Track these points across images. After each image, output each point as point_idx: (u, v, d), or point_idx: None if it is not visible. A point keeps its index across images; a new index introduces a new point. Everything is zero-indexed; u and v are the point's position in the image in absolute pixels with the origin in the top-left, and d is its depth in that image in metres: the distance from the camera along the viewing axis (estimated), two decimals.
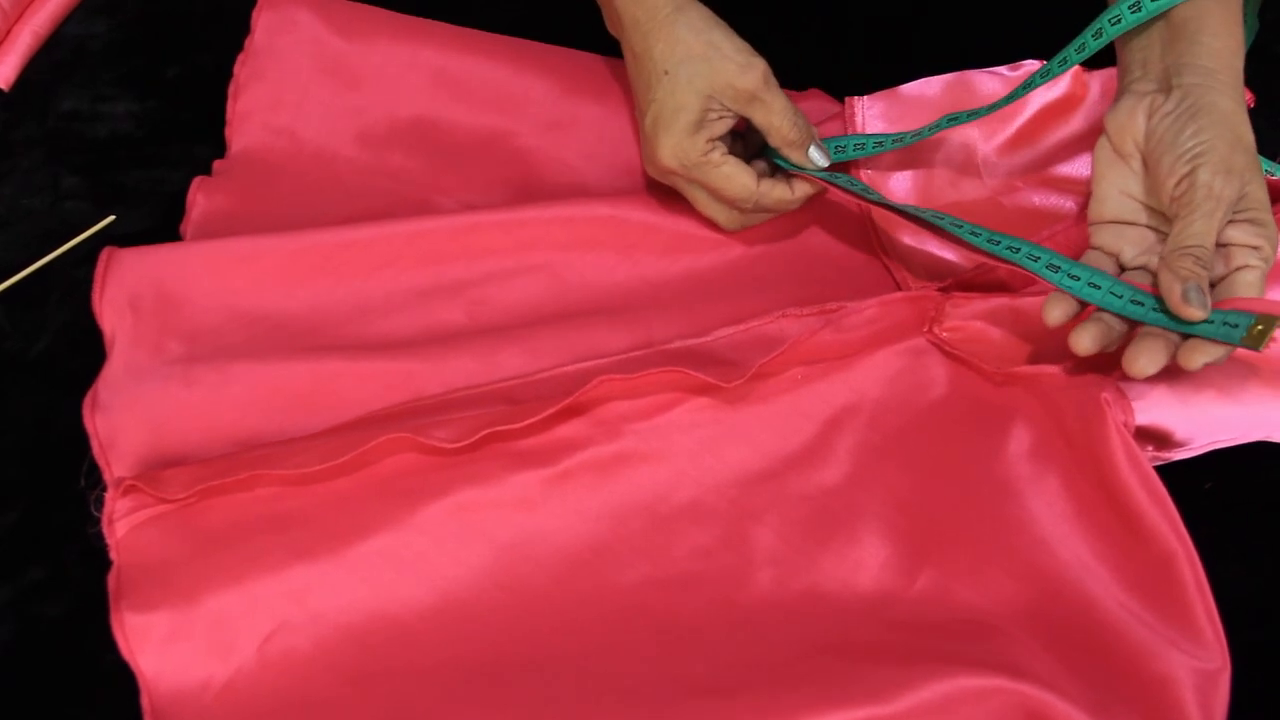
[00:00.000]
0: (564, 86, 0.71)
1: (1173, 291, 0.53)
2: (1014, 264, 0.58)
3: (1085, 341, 0.55)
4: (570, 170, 0.70)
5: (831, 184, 0.63)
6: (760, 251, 0.66)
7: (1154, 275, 0.56)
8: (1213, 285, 0.55)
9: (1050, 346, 0.61)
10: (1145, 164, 0.57)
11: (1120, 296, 0.56)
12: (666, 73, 0.61)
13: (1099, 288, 0.56)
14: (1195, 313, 0.53)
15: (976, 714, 0.50)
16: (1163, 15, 0.57)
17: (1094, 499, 0.56)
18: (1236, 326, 0.53)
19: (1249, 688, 0.52)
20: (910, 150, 0.68)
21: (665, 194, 0.67)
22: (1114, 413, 0.55)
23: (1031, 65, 0.68)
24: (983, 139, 0.67)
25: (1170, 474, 0.56)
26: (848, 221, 0.68)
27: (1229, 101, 0.55)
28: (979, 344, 0.62)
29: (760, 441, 0.59)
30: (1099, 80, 0.68)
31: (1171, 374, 0.58)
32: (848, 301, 0.62)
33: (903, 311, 0.62)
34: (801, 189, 0.64)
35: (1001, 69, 0.69)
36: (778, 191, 0.63)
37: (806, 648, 0.53)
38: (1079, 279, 0.57)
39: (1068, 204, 0.66)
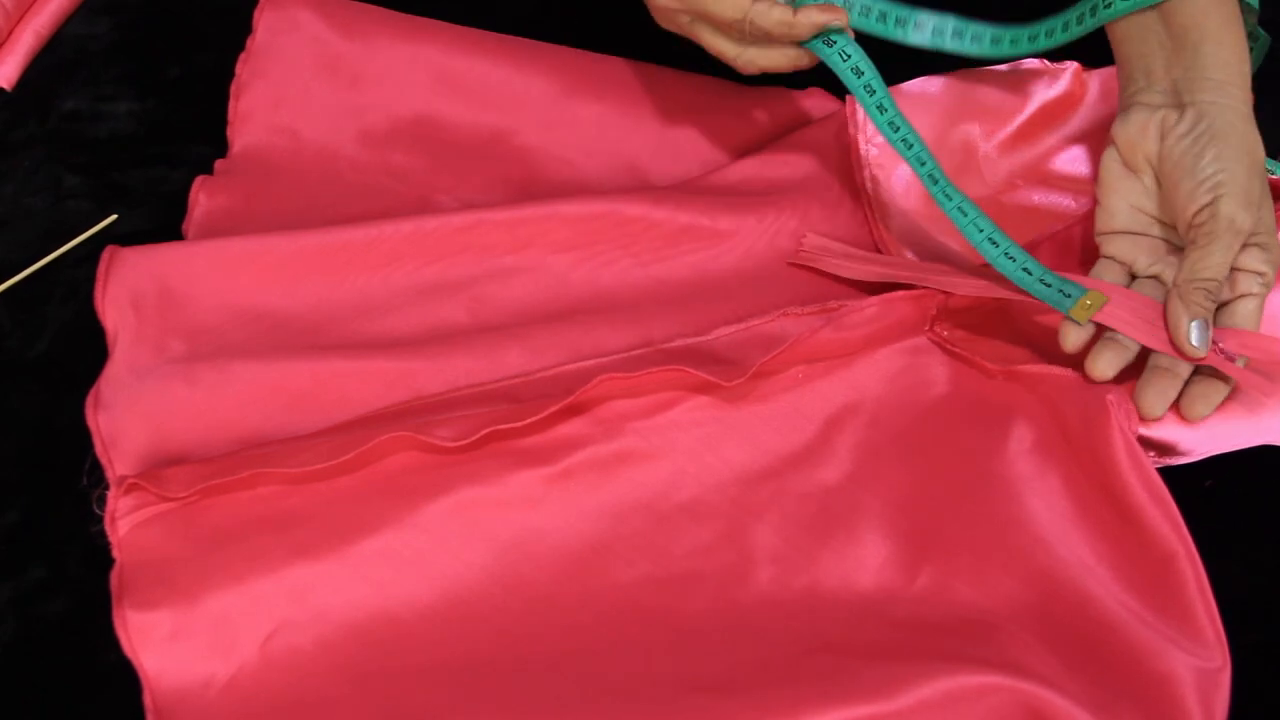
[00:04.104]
0: (564, 85, 0.71)
1: (1179, 327, 0.54)
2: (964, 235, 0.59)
3: (1103, 366, 0.56)
4: (571, 168, 0.70)
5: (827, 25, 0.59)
6: (761, 249, 0.66)
7: (1165, 286, 0.57)
8: (1215, 310, 0.56)
9: (1052, 345, 0.61)
10: (1159, 183, 0.57)
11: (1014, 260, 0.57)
12: None
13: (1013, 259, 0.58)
14: (1197, 352, 0.54)
15: (977, 712, 0.50)
16: (1159, 18, 0.57)
17: (1095, 498, 0.56)
18: (1069, 296, 0.55)
19: (1250, 687, 0.52)
20: None
21: (666, 191, 0.67)
22: (1116, 413, 0.55)
23: (1031, 64, 0.68)
24: (983, 137, 0.67)
25: (1170, 474, 0.56)
26: (848, 220, 0.68)
27: (1243, 120, 0.55)
28: (980, 342, 0.62)
29: (761, 440, 0.59)
30: (1098, 79, 0.68)
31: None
32: (848, 300, 0.62)
33: (904, 310, 0.62)
34: (807, 16, 0.58)
35: (1002, 67, 0.69)
36: (776, 12, 0.57)
37: (807, 646, 0.53)
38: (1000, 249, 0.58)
39: (1067, 202, 0.66)
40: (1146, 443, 0.57)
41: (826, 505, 0.58)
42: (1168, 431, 0.57)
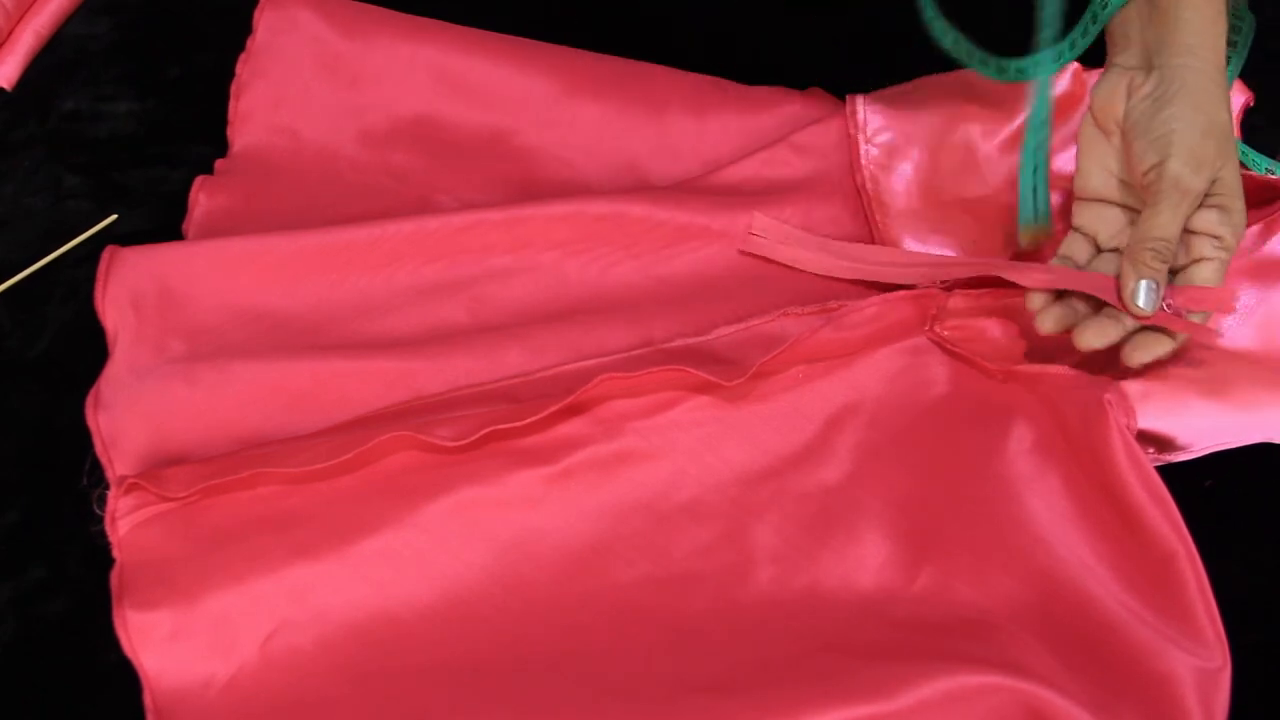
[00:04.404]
0: (564, 85, 0.71)
1: (1126, 285, 0.55)
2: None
3: (1048, 324, 0.57)
4: (571, 168, 0.70)
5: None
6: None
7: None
8: (1173, 273, 0.56)
9: (1052, 345, 0.61)
10: (1123, 145, 0.58)
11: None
12: None
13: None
14: (1144, 312, 0.55)
15: (977, 711, 0.50)
16: None
17: (1095, 498, 0.56)
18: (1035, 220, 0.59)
19: (1250, 687, 0.52)
20: (910, 148, 0.68)
21: (666, 191, 0.67)
22: (1115, 412, 0.55)
23: None
24: (983, 137, 0.67)
25: (1170, 473, 0.57)
26: (848, 220, 0.68)
27: (1207, 82, 0.55)
28: (980, 342, 0.62)
29: (761, 440, 0.59)
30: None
31: (1173, 383, 0.58)
32: (849, 299, 0.62)
33: (904, 309, 0.62)
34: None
35: None
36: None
37: (807, 646, 0.53)
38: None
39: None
40: (1144, 436, 0.57)
41: (826, 505, 0.58)
42: (1162, 421, 0.57)
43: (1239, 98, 0.69)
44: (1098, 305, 0.57)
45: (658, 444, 0.58)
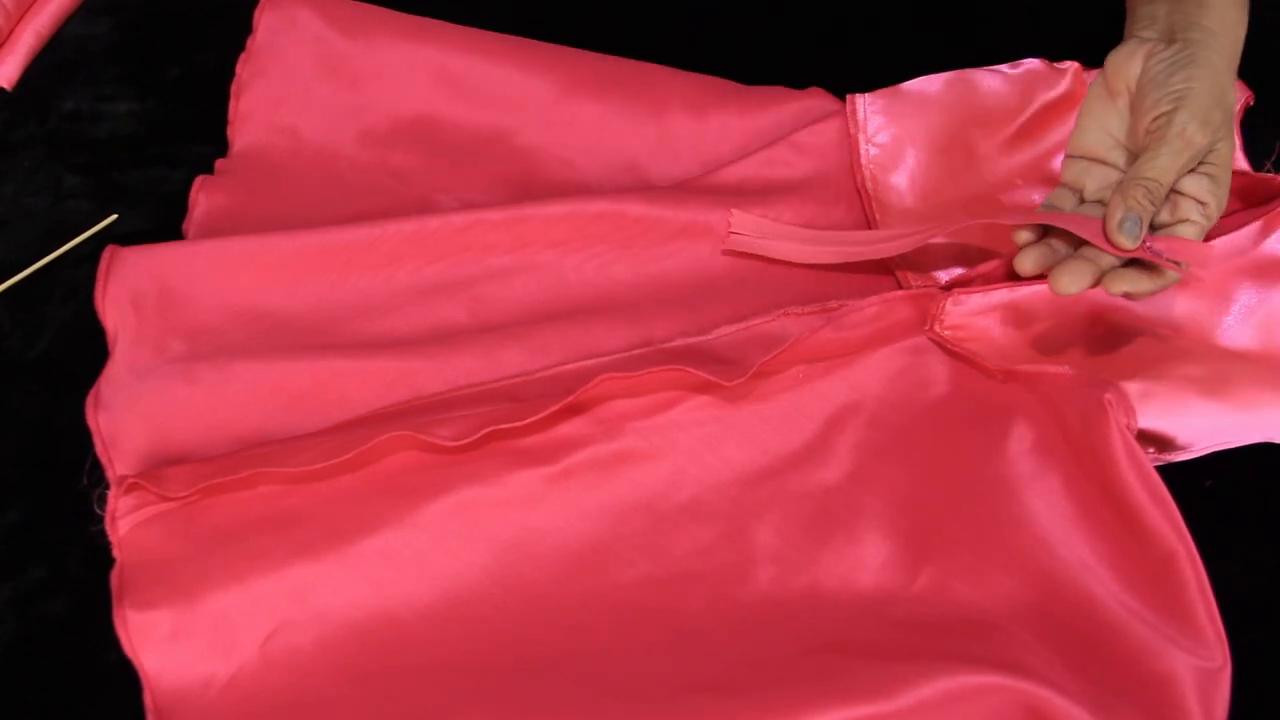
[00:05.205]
0: (564, 85, 0.71)
1: (1114, 215, 0.55)
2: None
3: (1028, 264, 0.57)
4: (571, 168, 0.70)
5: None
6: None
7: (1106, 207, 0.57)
8: (1154, 228, 0.57)
9: (1052, 345, 0.61)
10: (1131, 103, 0.59)
11: None
12: None
13: None
14: (1126, 242, 0.55)
15: (977, 711, 0.50)
16: None
17: (1095, 498, 0.56)
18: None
19: (1250, 687, 0.52)
20: (911, 148, 0.68)
21: (665, 191, 0.67)
22: (1115, 412, 0.55)
23: (1032, 64, 0.68)
24: (983, 137, 0.67)
25: (1170, 473, 0.57)
26: (848, 219, 0.68)
27: (1223, 63, 0.58)
28: (980, 342, 0.62)
29: (761, 440, 0.59)
30: None
31: (1173, 383, 0.58)
32: (849, 299, 0.62)
33: (904, 309, 0.62)
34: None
35: (1002, 67, 0.69)
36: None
37: (807, 646, 0.53)
38: None
39: None
40: (1144, 436, 0.57)
41: (826, 505, 0.58)
42: (1162, 421, 0.57)
43: (1239, 97, 0.69)
44: (1077, 248, 0.57)
45: (658, 444, 0.58)
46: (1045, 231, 0.59)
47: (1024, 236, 0.59)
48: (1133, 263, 0.56)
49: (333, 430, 0.58)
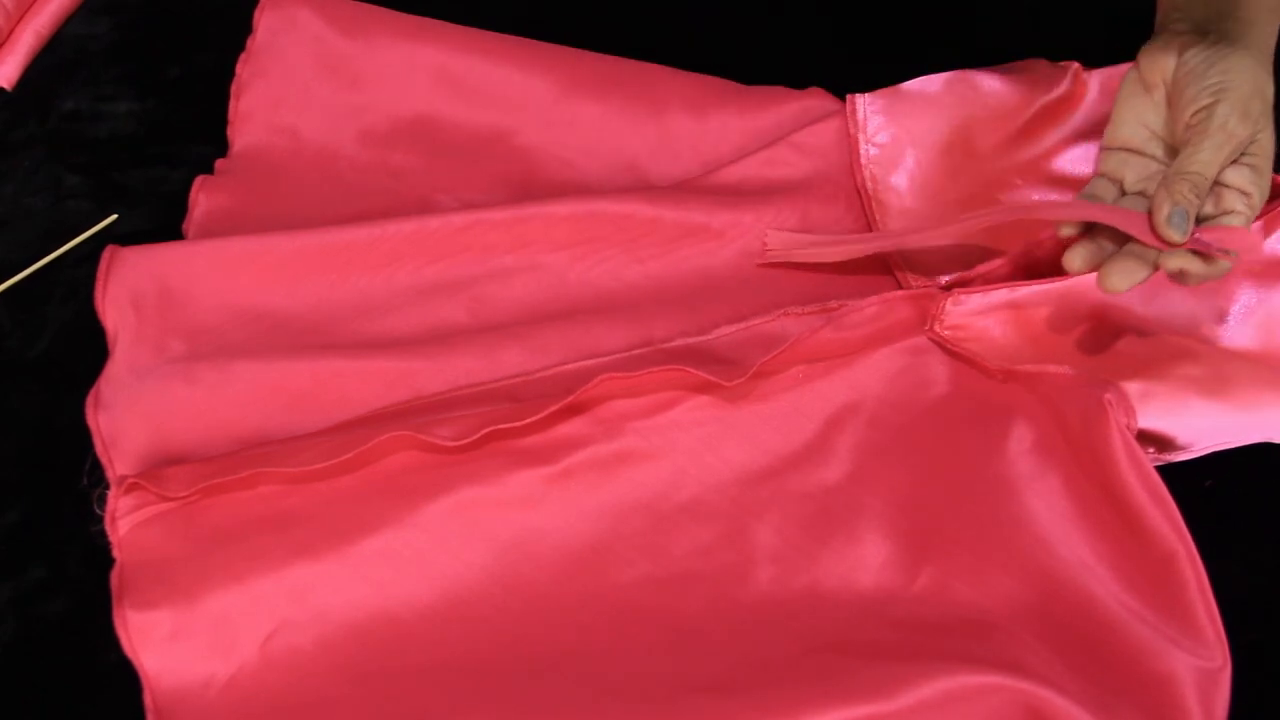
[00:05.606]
0: (565, 85, 0.71)
1: (1160, 210, 0.55)
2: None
3: (1077, 262, 0.57)
4: (571, 168, 0.70)
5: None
6: (761, 248, 0.66)
7: (1150, 201, 0.57)
8: (1199, 221, 0.56)
9: (1052, 345, 0.61)
10: (1168, 97, 0.59)
11: None
12: None
13: None
14: (1174, 236, 0.55)
15: (977, 711, 0.50)
16: None
17: (1095, 498, 0.56)
18: None
19: (1250, 686, 0.52)
20: (911, 148, 0.68)
21: (665, 190, 0.67)
22: (1115, 412, 0.55)
23: (1032, 64, 0.69)
24: (984, 137, 0.67)
25: (1170, 473, 0.57)
26: (848, 219, 0.68)
27: (1260, 54, 0.57)
28: (980, 342, 0.62)
29: (761, 440, 0.59)
30: (1098, 79, 0.68)
31: (1173, 383, 0.58)
32: (849, 299, 0.62)
33: (904, 309, 0.62)
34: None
35: (1002, 67, 0.69)
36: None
37: (807, 646, 0.53)
38: None
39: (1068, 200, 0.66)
40: (1144, 436, 0.57)
41: (826, 505, 0.58)
42: (1162, 421, 0.57)
43: None
44: (1123, 244, 0.57)
45: (658, 444, 0.58)
46: (1089, 227, 0.58)
47: (1068, 231, 0.58)
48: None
49: (333, 430, 0.58)
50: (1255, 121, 0.56)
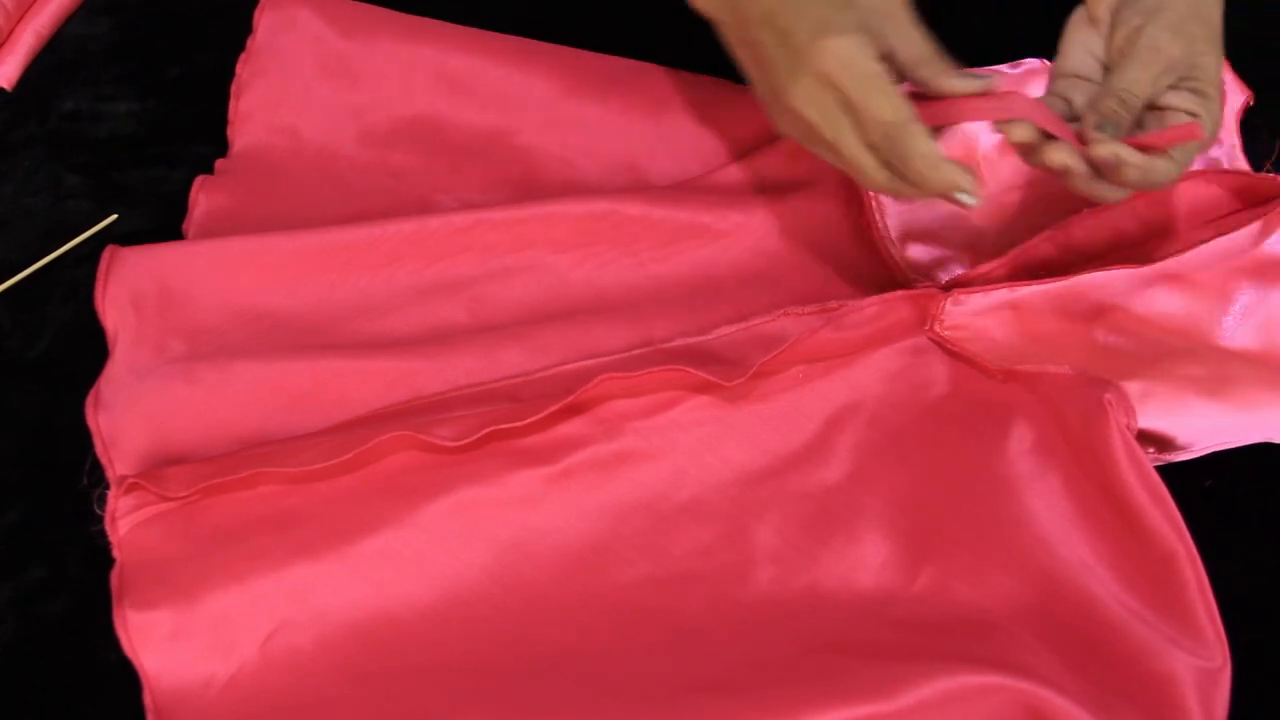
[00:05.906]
0: (565, 85, 0.71)
1: (1087, 122, 0.55)
2: None
3: (1057, 154, 0.55)
4: (571, 168, 0.70)
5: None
6: (761, 248, 0.66)
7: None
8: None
9: (1052, 345, 0.61)
10: (1111, 25, 0.58)
11: None
12: None
13: None
14: (1101, 145, 0.54)
15: (977, 711, 0.50)
16: None
17: (1095, 498, 0.56)
18: None
19: (1250, 686, 0.52)
20: None
21: (665, 190, 0.67)
22: (1115, 412, 0.55)
23: (1032, 63, 0.69)
24: (983, 136, 0.67)
25: (1170, 473, 0.57)
26: (849, 218, 0.68)
27: None
28: (980, 342, 0.62)
29: (761, 440, 0.59)
30: None
31: (1173, 383, 0.58)
32: (849, 299, 0.62)
33: (904, 309, 0.62)
34: (950, 170, 0.54)
35: (1002, 67, 0.69)
36: (925, 144, 0.53)
37: (807, 646, 0.53)
38: None
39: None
40: (1144, 436, 0.57)
41: (826, 505, 0.58)
42: (1161, 421, 0.57)
43: (1238, 97, 0.69)
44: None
45: (658, 444, 0.58)
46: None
47: (1021, 133, 0.55)
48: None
49: (333, 430, 0.58)
50: (1190, 41, 0.55)
